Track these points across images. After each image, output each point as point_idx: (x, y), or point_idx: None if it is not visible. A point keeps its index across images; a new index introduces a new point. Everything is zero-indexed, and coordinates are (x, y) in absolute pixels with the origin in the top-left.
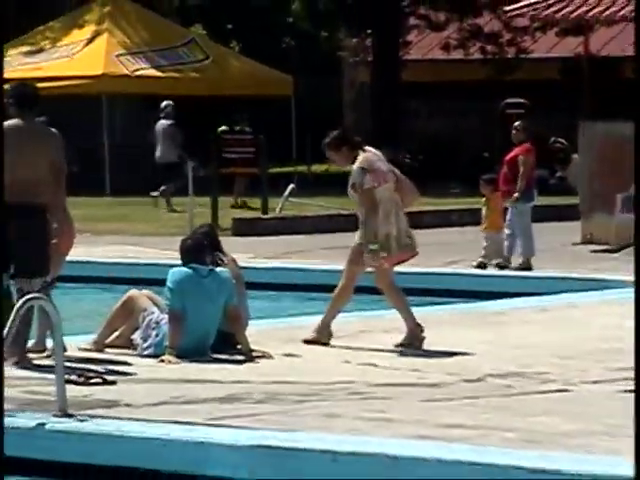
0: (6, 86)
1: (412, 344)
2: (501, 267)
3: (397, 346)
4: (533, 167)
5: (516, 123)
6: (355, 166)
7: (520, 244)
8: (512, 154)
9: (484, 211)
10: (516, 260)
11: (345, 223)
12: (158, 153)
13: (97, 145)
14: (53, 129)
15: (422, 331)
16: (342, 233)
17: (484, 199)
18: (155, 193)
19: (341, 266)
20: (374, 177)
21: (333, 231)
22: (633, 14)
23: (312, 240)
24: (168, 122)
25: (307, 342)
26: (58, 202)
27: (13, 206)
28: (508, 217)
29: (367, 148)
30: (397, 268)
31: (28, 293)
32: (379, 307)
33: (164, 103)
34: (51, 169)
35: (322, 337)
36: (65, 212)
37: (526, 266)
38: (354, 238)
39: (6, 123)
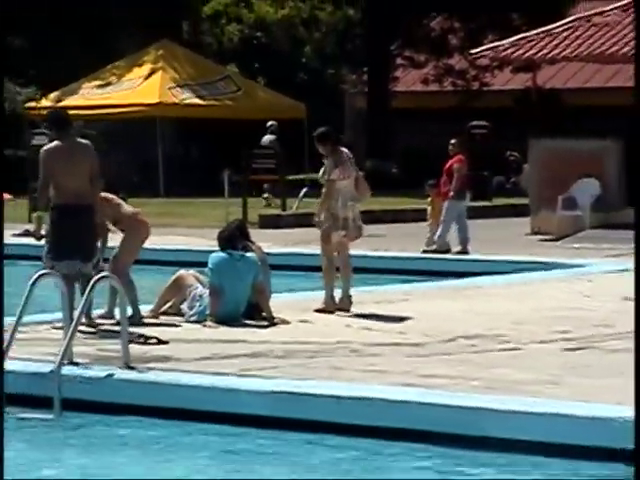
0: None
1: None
2: (443, 252)
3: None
4: (465, 173)
5: (452, 140)
6: (329, 160)
7: (457, 235)
8: (449, 164)
9: (429, 209)
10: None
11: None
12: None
13: (153, 157)
14: (86, 141)
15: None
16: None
17: (429, 199)
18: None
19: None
20: (341, 171)
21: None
22: (573, 54)
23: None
24: (272, 137)
25: (317, 311)
26: (96, 202)
27: (68, 206)
28: (443, 213)
29: (342, 149)
30: (391, 254)
31: (88, 274)
32: (371, 284)
33: (269, 122)
34: (90, 174)
35: (328, 307)
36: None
37: (464, 251)
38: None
39: (48, 146)
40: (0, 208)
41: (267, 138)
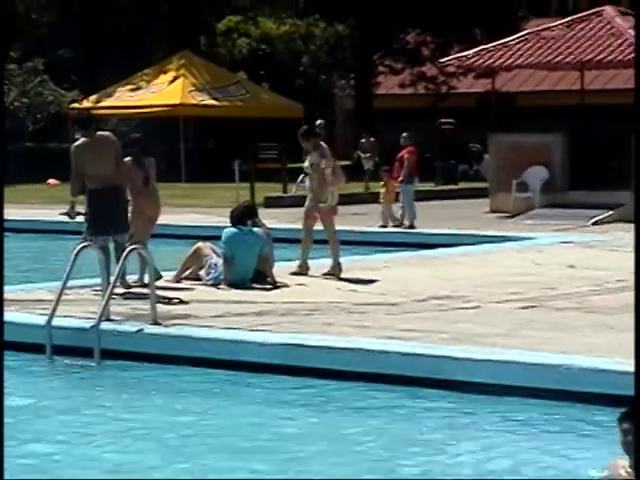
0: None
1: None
2: (396, 226)
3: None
4: (415, 162)
5: (403, 134)
6: (315, 152)
7: (406, 213)
8: (401, 154)
9: (382, 191)
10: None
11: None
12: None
13: (176, 149)
14: (108, 134)
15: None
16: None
17: (382, 183)
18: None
19: (336, 227)
20: (327, 161)
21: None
22: (525, 62)
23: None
24: (319, 122)
25: (293, 274)
26: (122, 184)
27: (102, 190)
28: (401, 196)
29: (322, 143)
30: (372, 229)
31: (122, 244)
32: (357, 254)
33: (318, 121)
34: (115, 160)
35: (302, 270)
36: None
37: (411, 226)
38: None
39: (77, 142)
40: (0, 206)
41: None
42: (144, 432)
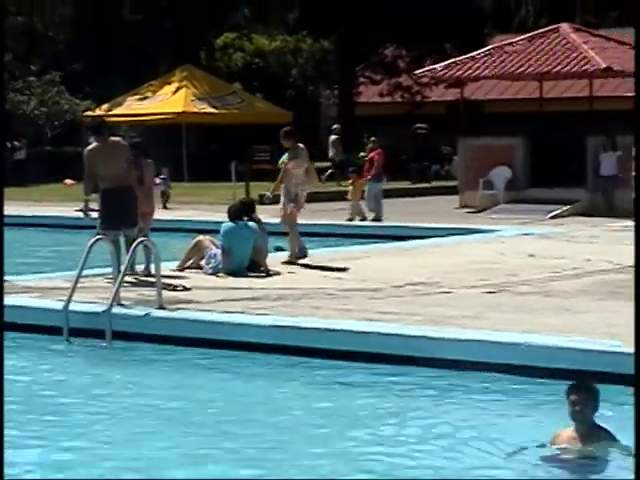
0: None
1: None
2: (362, 220)
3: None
4: (382, 163)
5: (372, 138)
6: (289, 153)
7: (373, 208)
8: (370, 155)
9: (350, 189)
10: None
11: (320, 197)
12: (331, 154)
13: (179, 152)
14: (119, 139)
15: (300, 257)
16: (319, 203)
17: (350, 181)
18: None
19: (320, 221)
20: (295, 163)
21: (313, 201)
22: (490, 74)
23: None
24: (337, 136)
25: (285, 263)
26: (132, 184)
27: (112, 189)
28: (366, 192)
29: (300, 145)
30: (353, 223)
31: (131, 237)
32: (340, 245)
33: (335, 125)
34: (126, 161)
35: (292, 259)
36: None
37: (377, 219)
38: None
39: (90, 146)
40: (0, 206)
41: (332, 138)
42: (151, 406)
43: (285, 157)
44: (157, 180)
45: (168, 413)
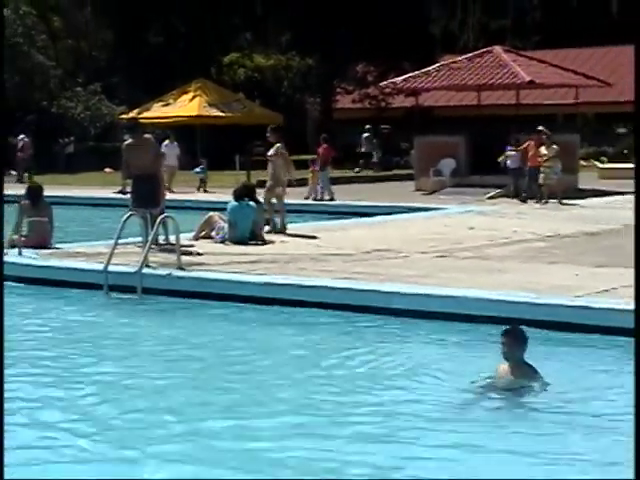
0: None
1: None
2: (314, 200)
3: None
4: (327, 156)
5: (323, 135)
6: (274, 147)
7: (325, 191)
8: (319, 150)
9: (310, 176)
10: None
11: (303, 184)
12: (363, 149)
13: (194, 148)
14: (149, 136)
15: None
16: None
17: (310, 170)
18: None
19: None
20: (280, 154)
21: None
22: (440, 85)
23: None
24: (368, 134)
25: (276, 233)
26: (158, 172)
27: (142, 176)
28: (320, 179)
29: (280, 141)
30: (332, 202)
31: (155, 214)
32: (322, 220)
33: (367, 126)
34: (153, 154)
35: (282, 230)
36: (161, 177)
37: (331, 199)
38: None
39: (127, 142)
40: (0, 207)
41: (364, 136)
42: (173, 345)
43: (272, 150)
44: (197, 169)
45: (187, 350)
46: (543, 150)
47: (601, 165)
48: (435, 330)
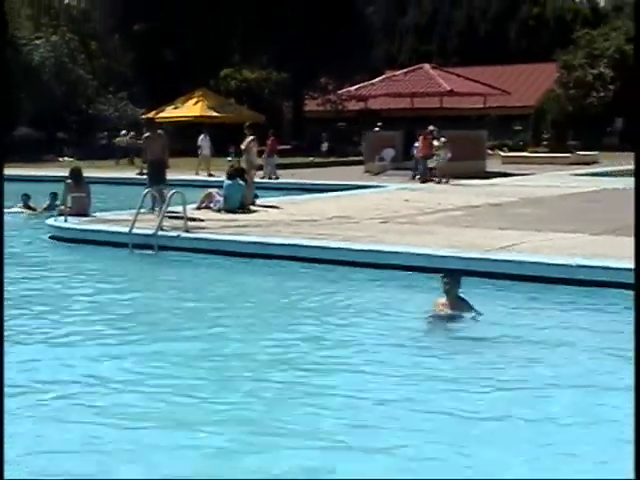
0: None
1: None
2: (271, 178)
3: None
4: (274, 145)
5: (270, 130)
6: (249, 139)
7: (273, 172)
8: (268, 142)
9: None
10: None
11: (282, 167)
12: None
13: (196, 141)
14: (161, 132)
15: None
16: (286, 169)
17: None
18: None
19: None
20: (253, 145)
21: (287, 167)
22: (383, 93)
23: (281, 171)
24: (377, 129)
25: (258, 206)
26: (166, 159)
27: (154, 160)
28: (268, 164)
29: (252, 135)
30: (301, 181)
31: (164, 191)
32: (290, 194)
33: (379, 123)
34: (163, 145)
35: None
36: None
37: (276, 178)
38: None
39: (145, 134)
40: (0, 199)
41: (373, 132)
42: (184, 289)
43: (247, 142)
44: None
45: (193, 294)
46: (435, 142)
47: (503, 153)
48: (379, 277)
